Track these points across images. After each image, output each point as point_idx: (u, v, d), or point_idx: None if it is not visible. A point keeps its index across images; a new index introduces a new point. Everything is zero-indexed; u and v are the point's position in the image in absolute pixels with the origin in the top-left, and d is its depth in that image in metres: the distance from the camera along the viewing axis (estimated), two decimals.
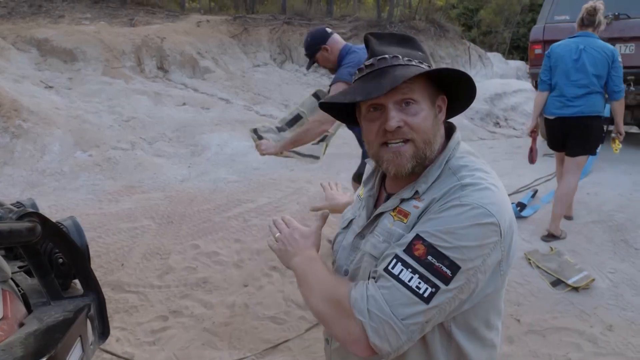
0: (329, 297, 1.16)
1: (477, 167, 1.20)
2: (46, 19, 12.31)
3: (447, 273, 1.04)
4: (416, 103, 1.18)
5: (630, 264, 4.19)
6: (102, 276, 3.96)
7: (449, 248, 1.05)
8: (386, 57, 1.20)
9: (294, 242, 1.36)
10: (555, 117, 4.50)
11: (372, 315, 1.05)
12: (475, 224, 1.06)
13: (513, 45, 28.91)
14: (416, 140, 1.18)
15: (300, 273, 1.29)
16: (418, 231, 1.09)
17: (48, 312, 1.61)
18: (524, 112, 11.31)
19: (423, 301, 1.04)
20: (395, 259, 1.09)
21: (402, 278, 1.06)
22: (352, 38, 14.47)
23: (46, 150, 6.76)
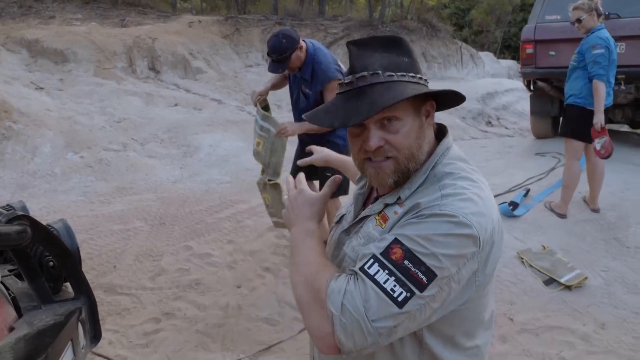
0: (310, 282, 1.12)
1: (462, 176, 1.17)
2: (36, 20, 12.25)
3: (422, 280, 1.02)
4: (398, 120, 1.16)
5: (622, 262, 4.21)
6: (94, 278, 3.94)
7: (426, 254, 1.03)
8: (365, 74, 1.15)
9: (297, 207, 1.30)
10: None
11: (345, 311, 1.02)
12: (453, 233, 1.04)
13: (504, 44, 29.02)
14: (398, 157, 1.17)
15: (293, 246, 1.24)
16: (396, 234, 1.07)
17: (39, 316, 1.59)
18: (516, 111, 11.36)
19: (396, 305, 1.01)
20: (372, 259, 1.06)
21: (377, 279, 1.03)
22: (344, 38, 14.48)
23: (37, 151, 6.71)
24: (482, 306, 1.21)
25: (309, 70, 3.65)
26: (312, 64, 3.64)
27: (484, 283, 1.14)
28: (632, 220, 4.78)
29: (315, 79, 3.64)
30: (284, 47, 3.49)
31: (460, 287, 1.08)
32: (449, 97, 1.27)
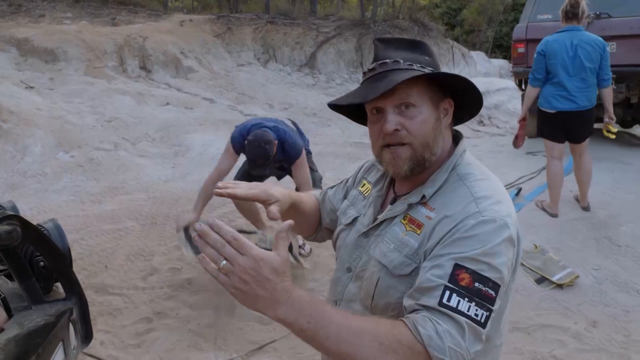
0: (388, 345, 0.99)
1: (483, 177, 1.22)
2: (26, 19, 12.18)
3: (492, 295, 1.06)
4: (414, 107, 1.20)
5: (613, 260, 4.24)
6: (86, 279, 3.91)
7: (488, 270, 1.06)
8: (387, 61, 1.22)
9: (266, 283, 0.95)
10: (557, 111, 4.70)
11: (451, 352, 1.00)
12: (501, 240, 1.09)
13: (496, 44, 29.12)
14: (413, 143, 1.20)
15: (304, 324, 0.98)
16: (454, 258, 1.07)
17: (29, 317, 1.58)
18: (507, 111, 11.40)
19: (481, 327, 1.04)
20: (447, 290, 1.05)
21: (462, 309, 1.03)
22: (336, 37, 14.49)
23: (27, 151, 6.67)
24: (508, 300, 1.26)
25: (280, 153, 3.81)
26: (281, 145, 3.80)
27: (515, 276, 1.21)
28: (622, 219, 4.80)
29: (288, 156, 3.84)
30: (269, 152, 3.57)
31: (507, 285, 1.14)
32: (466, 102, 1.31)
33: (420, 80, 1.20)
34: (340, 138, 8.62)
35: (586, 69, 4.56)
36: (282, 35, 14.25)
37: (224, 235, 0.95)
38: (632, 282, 3.93)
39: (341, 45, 14.42)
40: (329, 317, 0.98)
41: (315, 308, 0.98)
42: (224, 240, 0.95)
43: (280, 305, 0.96)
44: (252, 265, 0.93)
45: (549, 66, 4.69)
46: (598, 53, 4.57)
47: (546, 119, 4.86)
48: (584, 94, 4.63)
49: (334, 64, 14.14)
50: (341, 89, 12.98)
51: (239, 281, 0.94)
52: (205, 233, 0.96)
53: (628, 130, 8.41)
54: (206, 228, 0.96)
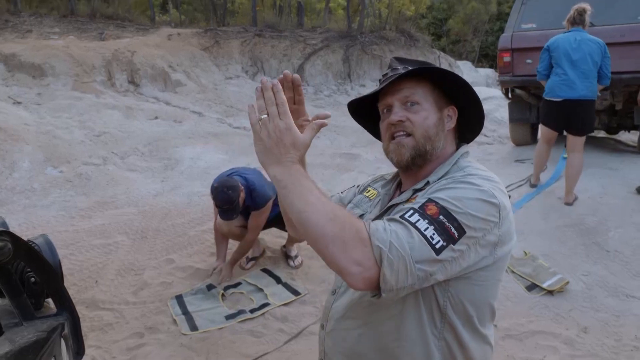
0: (341, 220, 1.09)
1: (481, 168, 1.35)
2: (13, 34, 12.13)
3: (454, 234, 1.12)
4: (418, 104, 1.35)
5: (602, 266, 4.27)
6: (76, 294, 3.89)
7: (458, 212, 1.14)
8: (398, 67, 1.39)
9: (282, 147, 1.13)
10: (562, 99, 5.09)
11: (392, 248, 1.07)
12: (481, 199, 1.18)
13: (482, 53, 29.41)
14: (415, 134, 1.34)
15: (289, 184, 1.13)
16: (430, 196, 1.19)
17: (20, 333, 1.56)
18: (495, 119, 11.48)
19: (434, 251, 1.10)
20: (411, 210, 1.16)
21: (418, 226, 1.11)
22: (323, 49, 14.55)
23: (15, 167, 6.63)
24: (496, 291, 1.34)
25: (249, 199, 4.03)
26: (250, 193, 4.02)
27: (501, 261, 1.26)
28: (611, 224, 4.85)
29: (255, 204, 4.04)
30: (232, 197, 3.80)
31: (483, 253, 1.19)
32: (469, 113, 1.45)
33: (425, 83, 1.37)
34: (329, 149, 8.64)
35: (589, 62, 4.96)
36: (270, 47, 14.31)
37: (277, 97, 1.14)
38: (621, 286, 3.96)
39: (329, 57, 14.49)
40: (308, 184, 1.14)
41: (302, 176, 1.15)
42: (274, 101, 1.14)
43: (280, 166, 1.14)
44: (282, 129, 1.13)
45: (553, 59, 5.13)
46: (600, 51, 5.01)
47: (550, 108, 5.25)
48: (585, 84, 5.00)
49: (321, 75, 14.19)
50: (329, 101, 13.03)
51: (266, 134, 1.13)
52: (265, 87, 1.15)
53: (614, 136, 8.51)
54: (268, 84, 1.15)
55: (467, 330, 1.29)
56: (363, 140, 8.67)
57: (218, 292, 3.94)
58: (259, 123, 1.14)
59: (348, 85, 14.26)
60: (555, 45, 5.14)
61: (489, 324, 1.36)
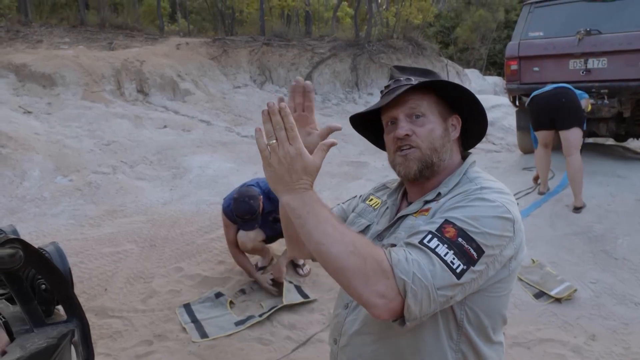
0: (362, 253, 1.09)
1: (491, 179, 1.35)
2: (24, 44, 12.27)
3: (473, 255, 1.13)
4: (424, 116, 1.35)
5: (610, 273, 4.25)
6: (85, 302, 3.92)
7: (476, 232, 1.14)
8: (401, 78, 1.39)
9: (294, 173, 1.12)
10: (543, 92, 5.37)
11: (415, 279, 1.08)
12: (497, 215, 1.18)
13: (490, 61, 29.36)
14: (422, 147, 1.34)
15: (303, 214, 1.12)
16: (446, 217, 1.18)
17: (31, 340, 1.58)
18: (503, 127, 11.46)
19: (455, 276, 1.11)
20: (429, 234, 1.15)
21: (438, 252, 1.12)
22: (331, 58, 14.60)
23: (26, 176, 6.69)
24: (508, 301, 1.35)
25: (267, 204, 4.02)
26: (267, 196, 4.02)
27: (513, 272, 1.28)
28: (619, 231, 4.83)
29: (275, 206, 3.95)
30: (254, 207, 3.80)
31: (500, 268, 1.21)
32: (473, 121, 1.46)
33: (430, 94, 1.37)
34: (336, 158, 8.65)
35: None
36: (278, 56, 14.37)
37: (285, 121, 1.10)
38: (630, 294, 3.94)
39: (336, 65, 14.54)
40: (325, 214, 1.13)
41: (317, 205, 1.13)
42: (283, 125, 1.10)
43: (294, 193, 1.13)
44: (292, 154, 1.10)
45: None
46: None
47: (536, 106, 5.50)
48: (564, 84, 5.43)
49: (329, 84, 14.24)
50: (337, 109, 13.06)
51: (276, 160, 1.11)
52: (272, 111, 1.10)
53: (622, 144, 8.47)
54: (275, 107, 1.11)
55: (481, 340, 1.30)
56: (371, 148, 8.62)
57: (226, 300, 3.96)
58: (268, 149, 1.11)
59: (356, 94, 14.29)
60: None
61: (500, 332, 1.37)
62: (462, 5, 31.41)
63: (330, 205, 1.43)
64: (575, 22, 6.37)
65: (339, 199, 6.32)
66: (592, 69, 6.19)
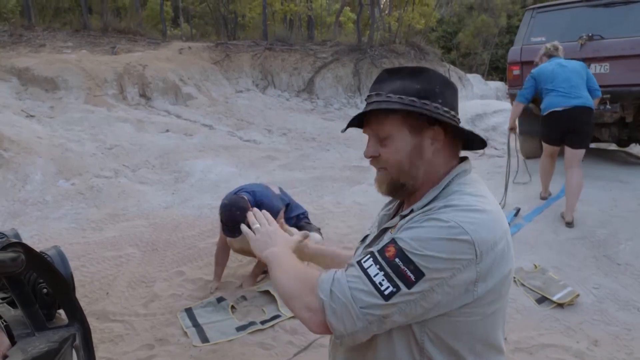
0: (299, 277, 1.25)
1: (470, 192, 1.24)
2: (27, 48, 12.31)
3: (410, 277, 1.10)
4: (388, 136, 1.29)
5: (613, 279, 4.24)
6: (87, 305, 3.91)
7: (415, 254, 1.11)
8: (372, 94, 1.33)
9: (275, 237, 1.45)
10: (564, 108, 5.06)
11: (334, 296, 1.14)
12: (446, 238, 1.11)
13: (492, 66, 29.40)
14: (389, 169, 1.31)
15: (274, 259, 1.35)
16: (394, 236, 1.18)
17: (32, 343, 1.58)
18: (505, 132, 11.44)
19: (382, 297, 1.11)
20: (369, 255, 1.18)
21: (368, 272, 1.14)
22: (334, 62, 14.62)
23: (28, 179, 6.70)
24: (490, 325, 1.25)
25: None
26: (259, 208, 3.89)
27: (486, 296, 1.18)
28: (621, 237, 4.82)
29: None
30: (238, 218, 3.74)
31: (457, 293, 1.14)
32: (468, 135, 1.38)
33: (395, 111, 1.27)
34: (339, 162, 8.66)
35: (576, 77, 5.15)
36: (280, 61, 14.40)
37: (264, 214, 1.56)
38: (632, 300, 3.93)
39: (339, 70, 14.56)
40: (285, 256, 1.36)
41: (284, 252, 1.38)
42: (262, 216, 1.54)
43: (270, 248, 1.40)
44: (271, 230, 1.48)
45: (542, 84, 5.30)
46: (582, 67, 5.23)
47: (551, 121, 5.23)
48: (582, 93, 5.10)
49: (332, 88, 14.25)
50: (339, 114, 13.06)
51: (260, 236, 1.46)
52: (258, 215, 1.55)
53: (624, 149, 8.46)
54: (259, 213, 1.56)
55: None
56: None
57: (228, 305, 3.95)
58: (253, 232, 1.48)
59: (358, 98, 14.31)
60: (539, 72, 5.31)
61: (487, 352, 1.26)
62: (464, 10, 31.48)
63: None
64: (578, 27, 6.37)
65: (340, 203, 6.32)
66: (595, 74, 6.19)
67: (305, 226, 4.38)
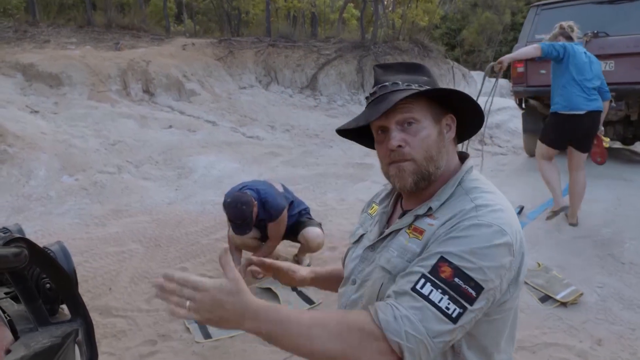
0: (343, 332, 1.07)
1: (488, 190, 1.27)
2: (31, 44, 12.31)
3: (472, 294, 1.08)
4: (417, 122, 1.26)
5: (617, 278, 4.23)
6: (90, 301, 3.92)
7: (473, 269, 1.08)
8: (387, 84, 1.29)
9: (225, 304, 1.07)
10: (585, 112, 4.69)
11: (409, 336, 1.05)
12: (494, 244, 1.11)
13: None
14: (416, 158, 1.26)
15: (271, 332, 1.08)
16: (441, 253, 1.12)
17: (35, 338, 1.58)
18: (509, 130, 11.43)
19: (451, 321, 1.06)
20: (423, 278, 1.10)
21: (432, 299, 1.07)
22: (337, 59, 14.60)
23: (32, 175, 6.71)
24: (514, 319, 1.29)
25: (262, 212, 4.05)
26: (263, 205, 4.05)
27: (517, 292, 1.22)
28: (626, 235, 4.80)
29: (269, 215, 4.08)
30: (246, 213, 3.83)
31: (500, 294, 1.16)
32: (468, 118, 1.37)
33: (420, 98, 1.26)
34: (342, 159, 8.64)
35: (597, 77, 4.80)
36: (284, 57, 14.38)
37: (177, 281, 1.09)
38: (637, 299, 3.91)
39: (342, 67, 14.53)
40: (285, 317, 1.08)
41: (272, 313, 1.08)
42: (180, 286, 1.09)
43: (244, 318, 1.07)
44: (209, 296, 1.06)
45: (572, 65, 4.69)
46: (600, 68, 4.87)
47: (566, 122, 4.81)
48: (596, 96, 4.78)
49: (335, 85, 14.23)
50: (343, 110, 13.05)
51: (206, 312, 1.07)
52: (161, 287, 1.11)
53: (629, 147, 8.44)
54: (161, 281, 1.11)
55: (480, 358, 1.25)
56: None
57: None
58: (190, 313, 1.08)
59: (361, 95, 14.28)
60: (573, 52, 4.71)
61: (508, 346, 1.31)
62: (468, 7, 31.39)
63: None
64: (583, 24, 6.35)
65: (344, 200, 6.31)
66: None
67: (307, 222, 4.38)
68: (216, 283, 1.08)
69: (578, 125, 4.77)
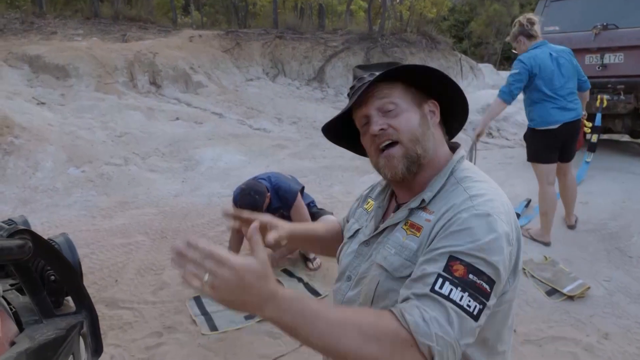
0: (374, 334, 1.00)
1: (480, 179, 1.25)
2: (38, 36, 12.34)
3: (487, 289, 1.06)
4: (396, 106, 1.27)
5: (624, 271, 4.20)
6: (96, 293, 3.93)
7: (484, 264, 1.06)
8: (364, 76, 1.31)
9: (251, 288, 0.95)
10: (560, 125, 4.36)
11: (439, 339, 1.00)
12: (496, 235, 1.09)
13: (504, 56, 29.18)
14: (402, 140, 1.25)
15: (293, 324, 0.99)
16: (449, 251, 1.09)
17: (40, 330, 1.59)
18: (516, 122, 11.38)
19: (474, 319, 1.04)
20: (440, 278, 1.06)
21: (453, 298, 1.03)
22: (344, 51, 14.55)
23: (39, 166, 6.73)
24: (512, 309, 1.26)
25: (276, 200, 4.03)
26: (276, 192, 4.03)
27: (516, 282, 1.21)
28: (634, 229, 4.77)
29: (285, 201, 4.05)
30: (258, 202, 3.78)
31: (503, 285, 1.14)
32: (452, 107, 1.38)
33: (398, 84, 1.28)
34: (348, 152, 8.55)
35: (571, 76, 4.40)
36: (291, 49, 14.34)
37: (201, 251, 0.97)
38: None
39: (349, 59, 14.48)
40: (311, 311, 0.99)
41: (298, 304, 0.99)
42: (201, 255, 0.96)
43: (267, 305, 0.97)
44: (234, 275, 0.94)
45: (540, 81, 4.35)
46: (573, 58, 4.45)
47: (546, 138, 4.49)
48: (575, 101, 4.42)
49: (342, 77, 14.19)
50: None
51: (226, 292, 0.94)
52: (181, 252, 0.98)
53: (638, 140, 8.38)
54: (182, 247, 0.98)
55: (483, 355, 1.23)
56: None
57: None
58: (207, 287, 0.95)
59: None
60: (538, 64, 4.32)
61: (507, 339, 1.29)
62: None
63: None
64: (592, 16, 6.29)
65: (350, 193, 6.30)
66: (609, 64, 6.12)
67: (321, 212, 4.38)
68: (245, 262, 0.95)
69: (557, 137, 4.45)
